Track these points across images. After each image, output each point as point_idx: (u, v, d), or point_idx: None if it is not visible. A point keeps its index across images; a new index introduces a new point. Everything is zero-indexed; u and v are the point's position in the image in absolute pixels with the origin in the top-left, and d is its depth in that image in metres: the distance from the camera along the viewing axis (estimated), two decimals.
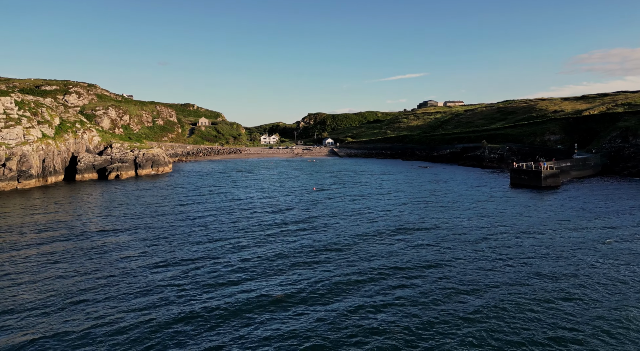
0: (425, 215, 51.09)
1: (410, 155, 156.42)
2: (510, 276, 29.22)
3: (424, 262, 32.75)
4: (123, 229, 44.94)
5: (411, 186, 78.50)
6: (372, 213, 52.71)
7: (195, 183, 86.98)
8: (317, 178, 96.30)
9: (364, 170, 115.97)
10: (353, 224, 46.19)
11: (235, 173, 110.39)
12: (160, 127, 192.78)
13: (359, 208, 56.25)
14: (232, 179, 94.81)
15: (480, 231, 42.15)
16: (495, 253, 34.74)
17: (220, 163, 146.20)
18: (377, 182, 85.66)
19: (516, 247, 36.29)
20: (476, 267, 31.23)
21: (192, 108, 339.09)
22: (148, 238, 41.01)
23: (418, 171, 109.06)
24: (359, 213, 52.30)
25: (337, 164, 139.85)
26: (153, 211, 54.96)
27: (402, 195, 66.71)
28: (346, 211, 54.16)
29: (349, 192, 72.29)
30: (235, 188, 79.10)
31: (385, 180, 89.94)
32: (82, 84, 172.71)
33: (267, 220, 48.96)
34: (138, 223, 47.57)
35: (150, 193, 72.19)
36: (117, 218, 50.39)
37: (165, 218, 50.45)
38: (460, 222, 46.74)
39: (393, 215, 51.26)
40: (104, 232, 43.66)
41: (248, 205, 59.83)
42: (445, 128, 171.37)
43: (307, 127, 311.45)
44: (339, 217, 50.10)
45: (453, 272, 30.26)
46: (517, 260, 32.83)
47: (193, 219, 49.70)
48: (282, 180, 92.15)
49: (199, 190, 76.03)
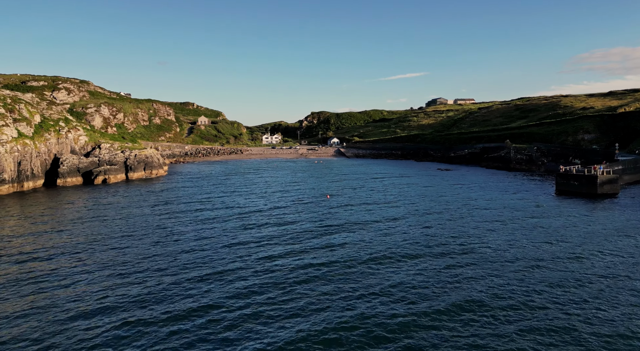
0: (463, 231, 41.10)
1: (424, 155, 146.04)
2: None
3: (483, 307, 22.83)
4: (83, 259, 34.80)
5: (437, 192, 68.22)
6: (400, 228, 42.61)
7: (192, 188, 76.83)
8: (326, 182, 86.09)
9: (377, 172, 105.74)
10: (382, 246, 36.05)
11: (236, 176, 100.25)
12: (157, 126, 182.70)
13: (385, 223, 46.06)
14: (233, 183, 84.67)
15: (546, 260, 32.04)
16: (589, 303, 24.53)
17: (220, 165, 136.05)
18: (396, 188, 75.41)
19: (610, 290, 26.17)
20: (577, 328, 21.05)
21: (192, 107, 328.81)
22: (112, 275, 30.85)
23: (438, 174, 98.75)
24: (386, 232, 42.08)
25: (345, 166, 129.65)
26: (132, 229, 44.79)
27: (430, 205, 56.46)
28: (370, 228, 43.98)
29: (367, 199, 62.08)
30: (236, 195, 68.92)
31: (405, 184, 79.68)
32: (74, 80, 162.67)
33: (276, 247, 38.81)
34: (106, 250, 37.45)
35: (136, 202, 62.00)
36: (80, 239, 40.28)
37: (145, 241, 40.24)
38: (509, 244, 36.76)
39: (426, 231, 41.16)
40: (53, 267, 33.53)
41: (252, 220, 49.61)
42: (459, 127, 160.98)
43: (311, 126, 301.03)
44: (365, 242, 39.91)
45: (542, 333, 20.10)
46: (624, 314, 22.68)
47: (180, 241, 39.53)
48: (288, 185, 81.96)
49: (194, 197, 65.86)
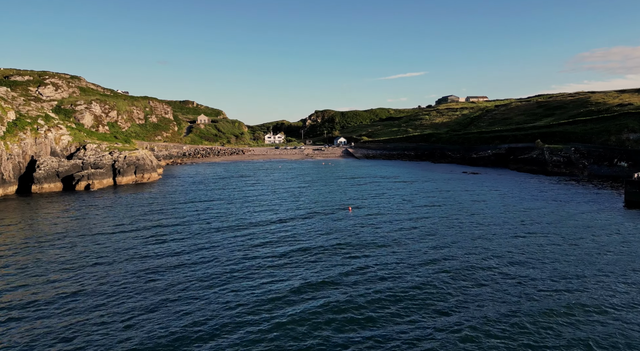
0: (562, 272, 30.11)
1: (441, 156, 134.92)
2: None
3: None
4: (31, 300, 23.92)
5: (479, 204, 57.25)
6: (469, 272, 31.74)
7: (186, 196, 65.92)
8: (341, 188, 75.13)
9: (394, 175, 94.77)
10: (455, 294, 25.22)
11: (237, 180, 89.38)
12: (153, 124, 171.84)
13: (437, 253, 35.18)
14: (234, 190, 73.79)
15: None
16: None
17: (220, 167, 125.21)
18: (425, 195, 64.45)
19: None
20: None
21: (192, 106, 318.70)
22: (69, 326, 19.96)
23: (466, 178, 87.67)
24: (440, 266, 31.25)
25: (356, 167, 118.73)
26: (99, 256, 33.94)
27: (480, 222, 45.57)
28: (424, 264, 33.10)
29: (398, 212, 51.19)
30: (237, 206, 58.00)
31: (434, 191, 68.70)
32: (64, 76, 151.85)
33: (293, 291, 27.98)
34: (62, 284, 26.60)
35: (115, 216, 51.10)
36: (29, 273, 29.41)
37: (115, 278, 29.44)
38: (601, 285, 26.04)
39: (510, 272, 30.31)
40: None
41: (256, 242, 38.76)
42: (478, 125, 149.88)
43: (315, 125, 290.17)
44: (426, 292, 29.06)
45: None
46: None
47: (162, 279, 28.73)
48: (298, 192, 71.04)
49: (187, 209, 54.97)
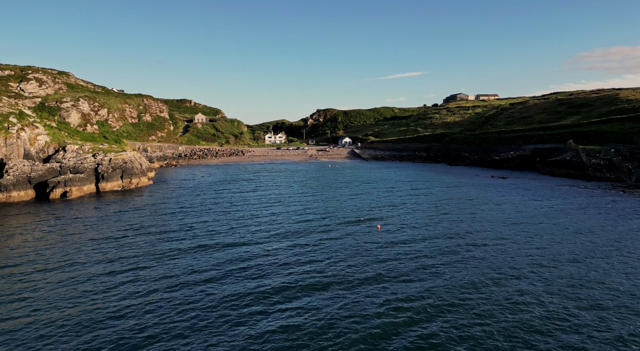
0: None
1: (457, 158, 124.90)
2: None
3: None
4: None
5: (534, 219, 47.39)
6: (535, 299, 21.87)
7: (175, 208, 55.83)
8: (355, 195, 65.10)
9: (411, 180, 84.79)
10: None
11: (237, 185, 79.29)
12: (147, 123, 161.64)
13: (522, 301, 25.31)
14: (232, 198, 63.73)
15: None
16: None
17: (218, 169, 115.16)
18: (457, 207, 54.56)
19: None
20: None
21: (189, 104, 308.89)
22: None
23: (495, 184, 77.66)
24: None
25: (366, 170, 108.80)
26: (62, 296, 24.00)
27: (548, 244, 35.72)
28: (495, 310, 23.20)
29: (436, 231, 41.32)
30: (235, 220, 47.97)
31: (465, 202, 58.75)
32: (50, 71, 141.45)
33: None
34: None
35: (89, 234, 41.03)
36: None
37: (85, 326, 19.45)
38: None
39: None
40: None
41: (260, 296, 28.87)
42: (494, 124, 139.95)
43: (316, 124, 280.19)
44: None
45: None
46: None
47: (137, 332, 18.82)
48: (307, 200, 60.96)
49: (177, 226, 44.92)
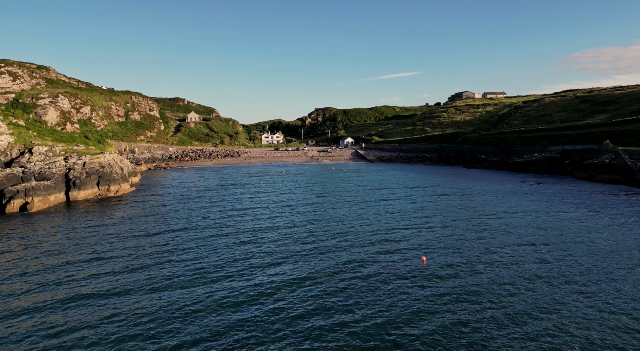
0: None
1: (473, 160, 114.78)
2: None
3: None
4: None
5: (609, 246, 37.08)
6: None
7: (155, 226, 44.98)
8: (371, 206, 54.46)
9: (431, 185, 74.35)
10: None
11: (232, 192, 68.43)
12: (135, 123, 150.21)
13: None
14: (226, 209, 52.85)
15: None
16: None
17: (212, 172, 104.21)
18: (513, 222, 44.22)
19: None
20: None
21: (182, 103, 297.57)
22: None
23: (533, 192, 67.25)
24: None
25: (375, 173, 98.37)
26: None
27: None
28: None
29: (499, 258, 30.86)
30: (228, 244, 37.24)
31: (520, 214, 48.38)
32: (28, 65, 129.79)
33: None
34: None
35: (29, 268, 30.13)
36: None
37: None
38: None
39: None
40: None
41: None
42: (510, 123, 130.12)
43: (315, 123, 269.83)
44: None
45: None
46: None
47: None
48: (316, 214, 50.32)
49: (145, 263, 34.18)
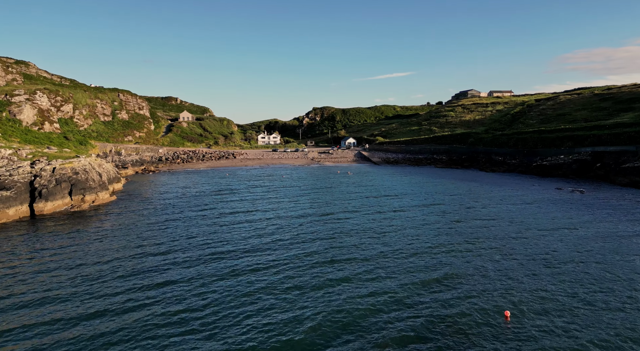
0: None
1: (488, 163, 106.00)
2: None
3: None
4: None
5: None
6: None
7: (132, 249, 35.34)
8: (393, 218, 45.25)
9: (454, 193, 65.34)
10: None
11: (226, 200, 58.80)
12: (123, 122, 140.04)
13: None
14: (219, 224, 43.35)
15: None
16: None
17: (205, 176, 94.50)
18: (591, 250, 35.26)
19: None
20: None
21: (175, 102, 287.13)
22: None
23: (581, 202, 58.37)
24: None
25: (385, 178, 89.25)
26: None
27: None
28: None
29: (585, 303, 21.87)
30: (222, 275, 27.82)
31: (594, 238, 39.43)
32: (5, 59, 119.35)
33: None
34: None
35: None
36: None
37: None
38: None
39: None
40: None
41: None
42: (526, 123, 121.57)
43: (313, 123, 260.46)
44: None
45: None
46: None
47: None
48: (333, 234, 41.05)
49: (116, 302, 24.69)
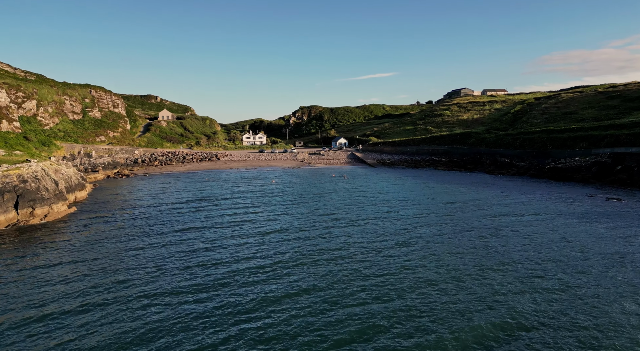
0: None
1: (494, 165, 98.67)
2: None
3: None
4: None
5: None
6: None
7: (87, 280, 25.70)
8: (414, 240, 36.74)
9: (475, 201, 57.18)
10: None
11: (210, 215, 49.18)
12: (95, 121, 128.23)
13: None
14: (200, 251, 34.00)
15: None
16: None
17: (185, 181, 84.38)
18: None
19: None
20: None
21: (155, 101, 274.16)
22: None
23: (632, 214, 50.92)
24: None
25: (386, 183, 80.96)
26: None
27: None
28: None
29: None
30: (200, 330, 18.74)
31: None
32: None
33: None
34: None
35: None
36: None
37: None
38: None
39: None
40: None
41: None
42: (530, 122, 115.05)
43: (300, 123, 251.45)
44: None
45: None
46: None
47: None
48: (341, 262, 32.25)
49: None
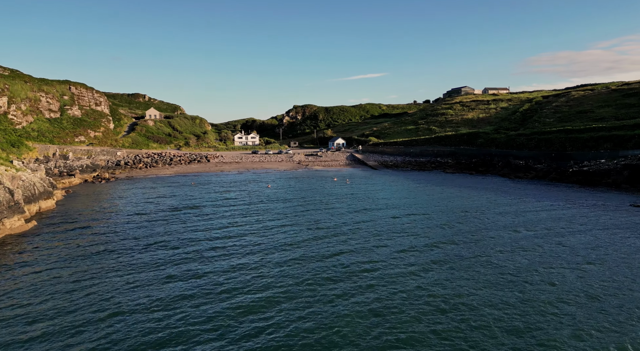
0: None
1: (507, 167, 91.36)
2: None
3: None
4: None
5: None
6: None
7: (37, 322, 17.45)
8: (456, 270, 28.85)
9: (502, 211, 49.47)
10: None
11: (195, 225, 40.61)
12: (74, 120, 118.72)
13: None
14: (183, 281, 25.81)
15: None
16: None
17: (171, 186, 75.59)
18: None
19: None
20: None
21: (142, 100, 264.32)
22: None
23: None
24: None
25: (394, 187, 73.09)
26: None
27: None
28: None
29: None
30: None
31: None
32: None
33: None
34: None
35: None
36: None
37: None
38: None
39: None
40: None
41: None
42: (542, 121, 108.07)
43: (294, 122, 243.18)
44: None
45: None
46: None
47: None
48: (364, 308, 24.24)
49: None
